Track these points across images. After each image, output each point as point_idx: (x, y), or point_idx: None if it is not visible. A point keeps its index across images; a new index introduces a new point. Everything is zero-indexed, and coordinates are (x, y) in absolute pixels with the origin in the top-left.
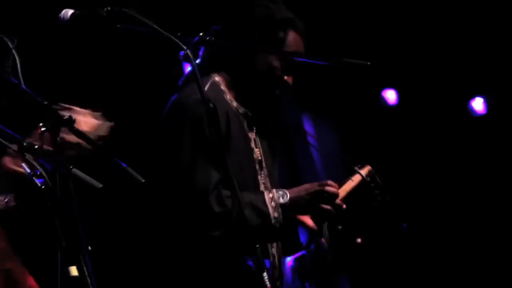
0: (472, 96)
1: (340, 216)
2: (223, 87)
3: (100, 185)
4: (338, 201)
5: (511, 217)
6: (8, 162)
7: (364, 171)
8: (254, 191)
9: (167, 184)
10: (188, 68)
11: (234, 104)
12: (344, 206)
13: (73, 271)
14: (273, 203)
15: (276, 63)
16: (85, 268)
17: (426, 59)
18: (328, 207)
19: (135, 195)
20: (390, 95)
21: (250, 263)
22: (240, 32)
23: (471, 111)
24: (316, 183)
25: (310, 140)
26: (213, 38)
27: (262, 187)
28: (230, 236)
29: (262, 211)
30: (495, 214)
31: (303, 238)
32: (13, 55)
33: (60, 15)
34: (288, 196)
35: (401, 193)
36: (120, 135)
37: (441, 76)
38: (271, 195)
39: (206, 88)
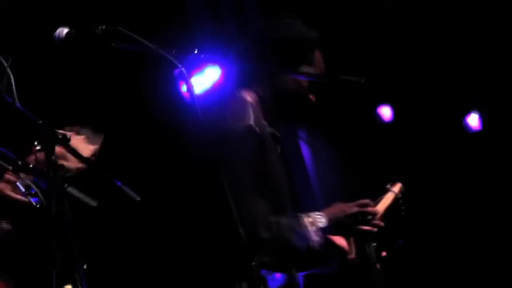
0: (468, 112)
1: (379, 234)
2: (258, 109)
3: (95, 203)
4: (377, 220)
5: (507, 233)
6: (5, 188)
7: (396, 188)
8: (292, 213)
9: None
10: (183, 86)
11: (264, 123)
12: (383, 224)
13: None
14: (313, 227)
15: (305, 82)
16: (80, 286)
17: (422, 75)
18: (369, 227)
19: (131, 213)
20: (386, 112)
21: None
22: (267, 53)
23: (466, 127)
24: (353, 204)
25: (305, 156)
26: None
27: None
28: (277, 262)
29: (305, 236)
30: (491, 231)
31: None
32: (8, 74)
33: (55, 33)
34: (326, 219)
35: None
36: (115, 153)
37: (436, 92)
38: (310, 219)
39: (251, 111)
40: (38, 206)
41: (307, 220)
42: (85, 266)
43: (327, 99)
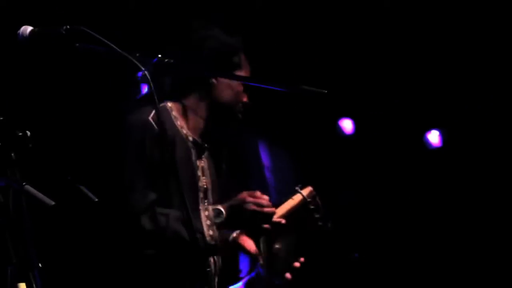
0: (428, 129)
1: (279, 233)
2: (175, 113)
3: (52, 203)
4: (276, 217)
5: (464, 245)
6: None
7: (305, 191)
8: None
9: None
10: (145, 89)
11: (184, 131)
12: (283, 221)
13: None
14: (208, 221)
15: (239, 87)
16: (34, 285)
17: (385, 90)
18: (265, 224)
19: (88, 213)
20: (347, 125)
21: None
22: (195, 64)
23: (427, 143)
24: (253, 199)
25: (266, 167)
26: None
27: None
28: (165, 254)
29: (197, 229)
30: (449, 244)
31: (244, 265)
32: None
33: (19, 31)
34: (224, 214)
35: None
36: (75, 153)
37: (398, 107)
38: (207, 213)
39: (154, 111)
40: None
41: (203, 214)
42: (40, 265)
43: (290, 109)
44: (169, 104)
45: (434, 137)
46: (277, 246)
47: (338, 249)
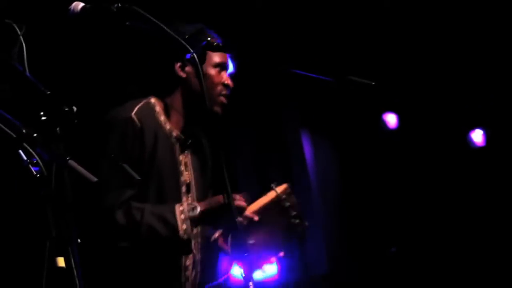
0: (472, 128)
1: (252, 228)
2: (158, 109)
3: (95, 179)
4: (249, 213)
5: (506, 247)
6: None
7: (280, 189)
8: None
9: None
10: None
11: (167, 126)
12: (256, 218)
13: (60, 262)
14: (182, 216)
15: (216, 78)
16: (72, 260)
17: (432, 87)
18: (239, 218)
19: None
20: (391, 119)
21: None
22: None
23: (470, 142)
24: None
25: (307, 157)
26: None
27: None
28: (139, 247)
29: (170, 223)
30: (491, 244)
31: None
32: (21, 42)
33: (70, 7)
34: (199, 209)
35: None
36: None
37: (443, 104)
38: (181, 207)
39: (137, 107)
40: (38, 175)
41: (178, 208)
42: (79, 240)
43: (335, 101)
44: (153, 100)
45: (478, 136)
46: (250, 241)
47: (375, 244)
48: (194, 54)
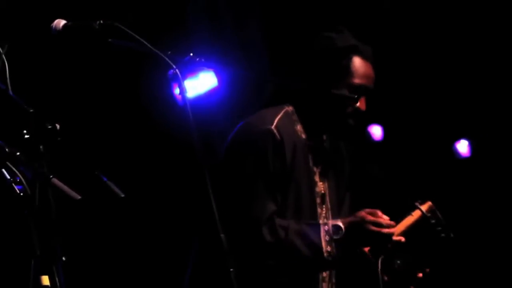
0: (457, 139)
1: (399, 250)
2: (295, 117)
3: (79, 197)
4: (395, 236)
5: (490, 258)
6: None
7: (424, 207)
8: (310, 220)
9: (227, 211)
10: (176, 88)
11: (303, 136)
12: (403, 239)
13: (45, 280)
14: (327, 237)
15: (344, 91)
16: (57, 278)
17: (416, 98)
18: (385, 244)
19: (114, 209)
20: (376, 131)
21: None
22: (302, 67)
23: (456, 153)
24: (373, 218)
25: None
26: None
27: (321, 221)
28: (284, 265)
29: (315, 244)
30: (475, 256)
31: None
32: (3, 61)
33: (52, 24)
34: (343, 231)
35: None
36: (105, 148)
37: (428, 115)
38: (326, 227)
39: (278, 117)
40: (21, 194)
41: (323, 228)
42: (64, 258)
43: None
44: (290, 109)
45: (463, 146)
46: (398, 262)
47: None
48: (177, 70)
